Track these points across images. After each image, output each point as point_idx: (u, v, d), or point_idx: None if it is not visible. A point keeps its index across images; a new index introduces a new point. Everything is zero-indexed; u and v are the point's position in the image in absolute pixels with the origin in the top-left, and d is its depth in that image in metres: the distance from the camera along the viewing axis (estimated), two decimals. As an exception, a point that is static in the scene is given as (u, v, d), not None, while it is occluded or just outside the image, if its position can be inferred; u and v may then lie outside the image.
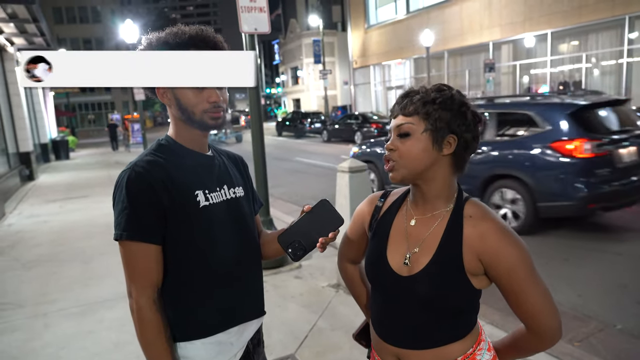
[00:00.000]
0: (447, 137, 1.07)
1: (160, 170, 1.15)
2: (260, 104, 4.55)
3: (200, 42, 1.17)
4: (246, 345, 1.30)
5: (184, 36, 1.16)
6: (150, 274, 1.14)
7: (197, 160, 1.24)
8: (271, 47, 57.58)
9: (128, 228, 1.11)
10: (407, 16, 22.32)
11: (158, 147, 1.22)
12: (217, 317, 1.22)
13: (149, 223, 1.12)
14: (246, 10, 4.00)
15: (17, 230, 6.52)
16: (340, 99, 37.82)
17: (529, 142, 5.24)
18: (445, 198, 1.13)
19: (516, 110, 5.72)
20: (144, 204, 1.12)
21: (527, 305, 1.06)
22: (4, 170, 9.54)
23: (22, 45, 12.00)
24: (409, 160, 1.08)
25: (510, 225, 1.94)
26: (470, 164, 1.16)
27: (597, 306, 3.53)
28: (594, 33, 14.96)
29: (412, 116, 1.08)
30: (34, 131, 15.05)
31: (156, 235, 1.13)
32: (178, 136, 1.24)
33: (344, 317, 3.33)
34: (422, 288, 1.09)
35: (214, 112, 1.18)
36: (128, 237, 1.11)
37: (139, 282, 1.13)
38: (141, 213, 1.12)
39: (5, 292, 4.19)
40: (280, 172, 11.24)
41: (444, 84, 1.11)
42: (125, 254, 1.14)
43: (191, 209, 1.17)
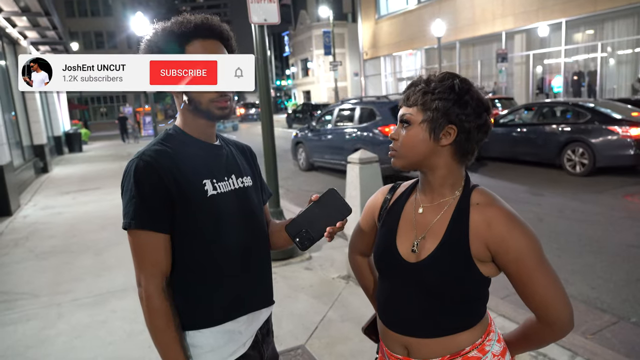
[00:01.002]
0: (446, 128, 1.06)
1: (168, 159, 1.14)
2: (270, 96, 4.53)
3: (206, 31, 1.15)
4: (255, 334, 1.30)
5: (190, 25, 1.14)
6: (159, 263, 1.14)
7: (205, 150, 1.23)
8: (281, 39, 57.41)
9: (137, 217, 1.10)
10: (418, 6, 22.05)
11: (166, 137, 1.22)
12: (225, 306, 1.22)
13: (158, 212, 1.12)
14: (255, 1, 3.98)
15: (32, 221, 6.62)
16: (351, 90, 37.63)
17: (370, 127, 8.37)
18: (451, 186, 1.13)
19: (367, 106, 8.85)
20: (152, 193, 1.11)
21: (536, 295, 1.04)
22: (18, 162, 9.67)
23: (35, 38, 12.10)
24: (408, 149, 1.10)
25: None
26: (344, 140, 1.22)
27: (611, 299, 3.48)
28: (610, 21, 14.64)
29: (412, 107, 1.09)
30: (47, 124, 15.22)
31: (164, 224, 1.13)
32: (185, 126, 1.23)
33: (354, 309, 3.33)
34: (429, 273, 1.09)
35: (220, 102, 1.16)
36: (137, 226, 1.11)
37: (147, 270, 1.13)
38: (149, 202, 1.11)
39: (20, 283, 4.26)
40: (290, 164, 11.24)
41: (450, 73, 1.10)
42: (134, 242, 1.14)
43: (199, 198, 1.16)
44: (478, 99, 1.08)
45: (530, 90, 17.42)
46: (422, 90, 1.08)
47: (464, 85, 1.07)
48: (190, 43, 1.15)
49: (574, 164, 8.08)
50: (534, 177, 8.16)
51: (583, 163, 7.92)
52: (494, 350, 1.13)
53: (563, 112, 8.92)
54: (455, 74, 1.10)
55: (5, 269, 4.67)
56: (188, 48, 1.14)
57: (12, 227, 6.38)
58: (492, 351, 1.12)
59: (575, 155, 8.06)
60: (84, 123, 26.58)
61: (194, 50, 1.14)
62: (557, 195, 6.71)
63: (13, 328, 3.35)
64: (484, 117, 1.08)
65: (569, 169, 8.15)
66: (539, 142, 8.80)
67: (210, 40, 1.17)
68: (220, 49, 1.18)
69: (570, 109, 8.67)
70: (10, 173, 7.47)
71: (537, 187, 7.29)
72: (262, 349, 1.33)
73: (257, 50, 4.20)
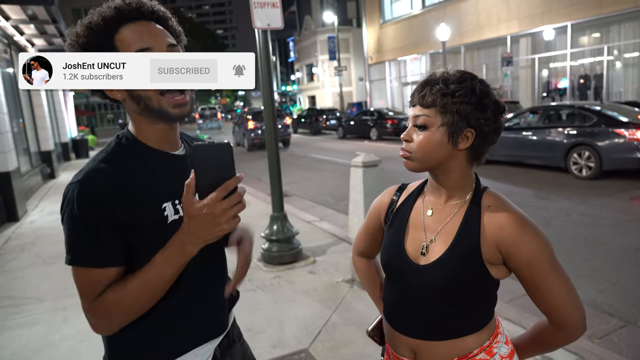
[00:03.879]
0: (465, 132, 1.04)
1: (117, 180, 0.96)
2: (274, 101, 4.55)
3: (134, 12, 0.98)
4: (213, 353, 1.14)
5: (110, 11, 0.97)
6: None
7: (163, 163, 1.05)
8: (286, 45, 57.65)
9: (81, 252, 0.94)
10: (422, 11, 22.08)
11: (116, 148, 1.02)
12: (180, 344, 1.07)
13: (107, 244, 0.95)
14: (259, 6, 4.00)
15: (39, 227, 6.66)
16: (356, 95, 37.67)
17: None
18: (462, 189, 1.11)
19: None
20: (98, 223, 0.93)
21: (549, 298, 1.03)
22: (26, 168, 9.75)
23: (43, 46, 12.23)
24: (423, 153, 1.06)
25: None
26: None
27: (619, 303, 3.44)
28: (616, 24, 14.57)
29: (430, 108, 1.04)
30: (54, 131, 15.35)
31: (117, 257, 0.96)
32: (140, 133, 1.04)
33: (358, 313, 3.32)
34: (438, 276, 1.07)
35: (173, 96, 0.98)
36: (82, 263, 0.94)
37: (89, 301, 0.96)
38: (96, 233, 0.93)
39: (26, 287, 4.29)
40: (295, 169, 11.25)
41: (467, 72, 1.06)
42: (80, 281, 0.95)
43: (157, 226, 0.98)
44: (496, 101, 1.06)
45: (536, 93, 17.35)
46: (440, 92, 1.02)
47: (484, 88, 1.04)
48: (118, 32, 0.97)
49: (580, 168, 8.03)
50: (540, 180, 8.11)
51: (589, 166, 7.87)
52: (502, 352, 1.12)
53: (569, 116, 8.87)
54: (473, 74, 1.06)
55: (12, 274, 4.70)
56: (118, 38, 0.97)
57: (19, 232, 6.43)
58: (500, 353, 1.11)
59: (581, 159, 8.00)
60: (91, 129, 26.82)
61: (126, 39, 0.96)
62: (563, 199, 6.66)
63: (19, 332, 3.37)
64: (499, 119, 1.07)
65: (575, 172, 8.10)
66: (545, 146, 8.75)
67: (141, 22, 0.99)
68: (157, 30, 1.00)
69: (576, 112, 8.62)
70: (17, 179, 7.53)
71: (543, 191, 7.24)
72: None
73: (260, 55, 4.22)
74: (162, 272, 0.93)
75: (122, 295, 0.93)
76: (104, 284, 0.94)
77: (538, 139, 8.93)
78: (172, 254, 0.92)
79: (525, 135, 9.22)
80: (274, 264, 4.36)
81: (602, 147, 7.67)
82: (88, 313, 0.96)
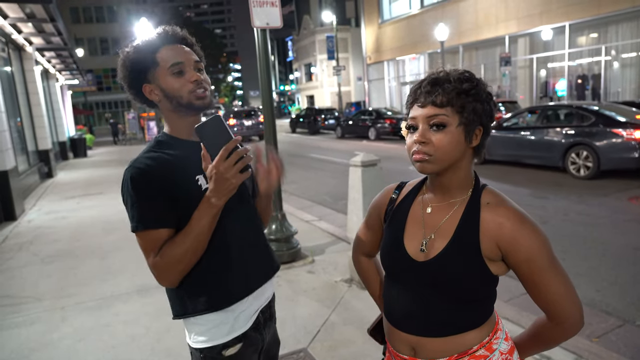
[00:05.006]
0: (476, 129, 1.06)
1: (159, 163, 1.22)
2: (273, 100, 4.54)
3: (170, 38, 1.31)
4: (257, 315, 1.35)
5: (153, 37, 1.31)
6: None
7: (194, 148, 1.26)
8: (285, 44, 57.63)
9: (142, 219, 1.18)
10: (421, 10, 22.09)
11: (156, 144, 1.30)
12: (233, 290, 1.28)
13: (160, 211, 1.19)
14: (258, 5, 3.99)
15: (37, 226, 6.65)
16: (354, 95, 37.68)
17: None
18: (464, 186, 1.12)
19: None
20: (151, 196, 1.19)
21: (547, 294, 1.05)
22: (23, 167, 9.73)
23: (41, 44, 12.20)
24: (444, 153, 1.04)
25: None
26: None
27: (616, 302, 3.45)
28: (614, 24, 14.60)
29: (445, 107, 1.03)
30: (52, 130, 15.32)
31: (169, 220, 1.20)
32: (173, 130, 1.32)
33: (357, 312, 3.32)
34: (438, 272, 1.08)
35: (198, 92, 1.27)
36: (144, 227, 1.18)
37: (152, 258, 1.20)
38: (150, 203, 1.19)
39: (24, 286, 4.28)
40: (294, 169, 11.25)
41: (467, 71, 1.08)
42: (144, 243, 1.20)
43: (195, 193, 1.22)
44: (493, 100, 1.10)
45: (534, 93, 17.39)
46: (455, 91, 1.03)
47: (486, 86, 1.08)
48: (158, 51, 1.28)
49: (578, 167, 8.05)
50: (537, 180, 8.13)
51: (587, 166, 7.89)
52: (502, 348, 1.12)
53: (567, 115, 8.89)
54: (471, 72, 1.08)
55: (10, 272, 4.69)
56: (158, 56, 1.27)
57: (16, 231, 6.41)
58: (500, 349, 1.12)
59: (579, 159, 8.02)
60: (89, 128, 26.80)
61: (163, 56, 1.27)
62: (561, 199, 6.68)
63: (17, 331, 3.36)
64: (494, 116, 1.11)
65: (573, 172, 8.12)
66: (543, 145, 8.77)
67: (174, 45, 1.30)
68: (187, 50, 1.31)
69: (574, 112, 8.64)
70: (15, 178, 7.51)
71: (541, 190, 7.26)
72: (264, 332, 1.38)
73: (259, 54, 4.22)
74: (199, 223, 1.16)
75: (174, 247, 1.17)
76: (160, 242, 1.19)
77: (536, 139, 8.95)
78: (202, 207, 1.16)
79: (523, 135, 9.23)
80: (272, 263, 4.35)
81: (600, 147, 7.69)
82: (153, 268, 1.20)
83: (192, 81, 1.26)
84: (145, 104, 1.37)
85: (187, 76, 1.26)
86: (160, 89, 1.27)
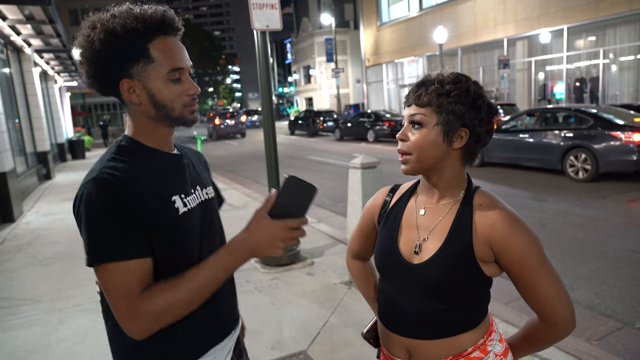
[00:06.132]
0: (459, 131, 1.06)
1: (129, 176, 0.98)
2: (272, 103, 4.55)
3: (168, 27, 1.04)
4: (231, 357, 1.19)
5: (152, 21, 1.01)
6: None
7: (167, 161, 1.09)
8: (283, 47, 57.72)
9: (107, 247, 0.92)
10: (419, 13, 22.15)
11: (119, 150, 1.04)
12: (202, 338, 1.09)
13: (131, 236, 0.94)
14: (258, 7, 4.00)
15: (35, 228, 6.63)
16: (353, 97, 37.71)
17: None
18: (454, 188, 1.12)
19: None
20: (124, 214, 0.93)
21: (539, 295, 1.05)
22: (22, 169, 9.70)
23: (39, 46, 12.19)
24: (420, 151, 1.07)
25: None
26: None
27: (616, 305, 3.46)
28: (612, 28, 14.65)
29: (426, 107, 1.06)
30: (50, 131, 15.29)
31: (143, 249, 0.95)
32: (141, 136, 1.07)
33: (356, 314, 3.31)
34: (432, 274, 1.08)
35: (192, 105, 1.06)
36: (109, 258, 0.92)
37: (130, 298, 0.93)
38: (125, 224, 0.93)
39: (22, 288, 4.26)
40: (293, 171, 11.24)
41: (461, 74, 1.09)
42: (110, 280, 0.92)
43: (170, 218, 1.01)
44: (489, 103, 1.09)
45: (533, 96, 17.43)
46: (436, 92, 1.05)
47: (478, 90, 1.07)
48: (152, 42, 1.01)
49: (576, 170, 8.06)
50: (536, 182, 8.14)
51: (586, 169, 7.90)
52: (496, 350, 1.12)
53: (565, 118, 8.91)
54: (467, 76, 1.09)
55: (8, 275, 4.67)
56: (151, 46, 1.00)
57: (14, 233, 6.39)
58: (494, 351, 1.12)
59: (577, 161, 8.04)
60: (87, 130, 26.83)
61: (160, 52, 1.01)
62: (560, 201, 6.69)
63: (15, 334, 3.34)
64: (492, 121, 1.10)
65: (571, 174, 8.13)
66: (542, 148, 8.79)
67: (172, 37, 1.04)
68: (179, 45, 1.06)
69: (572, 114, 8.66)
70: (13, 179, 7.49)
71: (540, 193, 7.27)
72: None
73: (259, 56, 4.22)
74: (215, 276, 0.97)
75: (173, 298, 0.93)
76: (145, 277, 0.94)
77: (535, 142, 8.97)
78: (224, 257, 0.97)
79: (522, 138, 9.25)
80: (271, 265, 4.35)
81: (599, 150, 7.70)
82: (127, 317, 0.92)
83: (190, 94, 1.04)
84: (99, 92, 1.06)
85: (184, 86, 1.03)
86: (147, 91, 1.01)
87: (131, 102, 1.04)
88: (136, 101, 1.03)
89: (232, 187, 9.10)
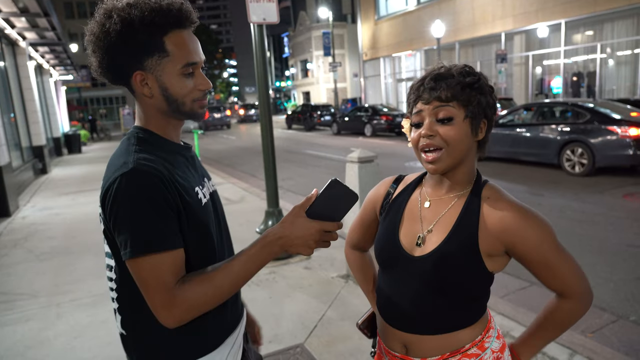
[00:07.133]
0: (481, 122, 1.07)
1: (163, 167, 0.97)
2: (269, 97, 4.53)
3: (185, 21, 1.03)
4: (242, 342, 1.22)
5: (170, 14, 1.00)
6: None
7: (182, 153, 1.10)
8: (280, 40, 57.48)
9: (159, 237, 0.92)
10: (417, 7, 22.08)
11: (139, 141, 1.03)
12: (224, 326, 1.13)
13: (170, 227, 0.94)
14: (255, 1, 3.98)
15: (31, 222, 6.61)
16: (350, 91, 37.64)
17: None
18: (467, 181, 1.12)
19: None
20: (165, 206, 0.93)
21: (562, 275, 1.07)
22: (17, 163, 9.66)
23: (34, 39, 12.10)
24: (454, 145, 1.04)
25: None
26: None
27: (611, 298, 3.48)
28: (609, 22, 14.66)
29: (452, 102, 1.03)
30: (46, 125, 15.22)
31: (179, 240, 0.97)
32: (154, 127, 1.07)
33: (353, 308, 3.33)
34: (433, 267, 1.07)
35: (203, 100, 1.06)
36: (162, 247, 0.92)
37: (168, 289, 0.94)
38: (167, 215, 0.94)
39: (19, 283, 4.26)
40: (289, 165, 11.24)
41: (466, 65, 1.09)
42: (146, 271, 0.92)
43: (198, 209, 1.02)
44: (494, 93, 1.11)
45: (530, 90, 17.44)
46: (459, 85, 1.03)
47: (487, 79, 1.09)
48: (167, 35, 0.99)
49: (573, 164, 8.09)
50: (533, 177, 8.17)
51: (582, 163, 7.93)
52: (493, 346, 1.12)
53: (562, 113, 8.93)
54: (471, 67, 1.09)
55: (5, 269, 4.66)
56: (166, 40, 0.99)
57: (10, 228, 6.37)
58: (492, 347, 1.12)
59: (574, 156, 8.06)
60: (83, 124, 26.69)
61: (176, 46, 1.00)
62: (556, 196, 6.71)
63: (12, 329, 3.34)
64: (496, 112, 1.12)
65: (568, 169, 8.16)
66: (538, 143, 8.81)
67: (187, 30, 1.04)
68: (193, 38, 1.05)
69: (569, 109, 8.67)
70: (9, 174, 7.46)
71: (537, 188, 7.29)
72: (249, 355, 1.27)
73: (256, 50, 4.20)
74: (249, 269, 0.98)
75: (209, 290, 0.95)
76: (181, 266, 0.96)
77: (532, 136, 8.98)
78: (258, 251, 0.98)
79: (519, 132, 9.26)
80: (269, 259, 4.35)
81: (595, 144, 7.72)
82: (165, 307, 0.92)
83: (202, 89, 1.04)
84: (109, 82, 1.06)
85: (197, 81, 1.03)
86: (160, 85, 1.00)
87: (143, 94, 1.03)
88: (148, 94, 1.02)
89: (229, 181, 9.09)
